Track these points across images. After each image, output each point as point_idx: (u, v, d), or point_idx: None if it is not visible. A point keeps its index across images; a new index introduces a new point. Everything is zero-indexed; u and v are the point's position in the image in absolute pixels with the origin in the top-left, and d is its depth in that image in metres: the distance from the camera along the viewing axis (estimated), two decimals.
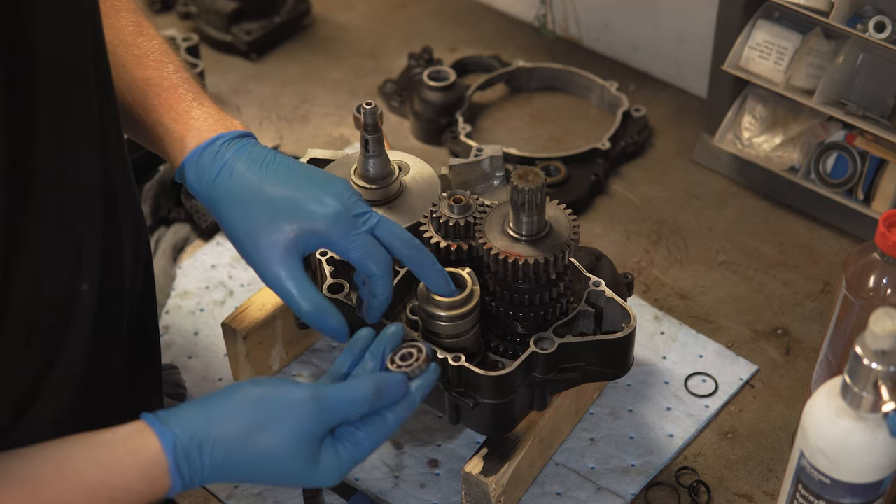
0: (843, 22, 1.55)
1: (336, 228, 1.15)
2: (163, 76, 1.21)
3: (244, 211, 1.15)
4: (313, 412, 1.05)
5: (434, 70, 1.87)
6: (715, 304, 1.61)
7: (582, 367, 1.30)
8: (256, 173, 1.16)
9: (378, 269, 1.18)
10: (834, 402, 1.07)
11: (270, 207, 1.15)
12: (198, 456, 1.02)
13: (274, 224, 1.14)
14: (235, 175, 1.16)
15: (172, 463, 1.01)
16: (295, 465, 1.05)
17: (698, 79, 1.90)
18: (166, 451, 1.01)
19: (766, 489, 1.40)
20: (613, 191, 1.80)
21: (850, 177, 1.65)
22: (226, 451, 1.03)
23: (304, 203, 1.15)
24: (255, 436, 1.04)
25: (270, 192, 1.16)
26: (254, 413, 1.04)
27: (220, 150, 1.18)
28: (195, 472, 1.02)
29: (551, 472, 1.42)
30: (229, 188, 1.16)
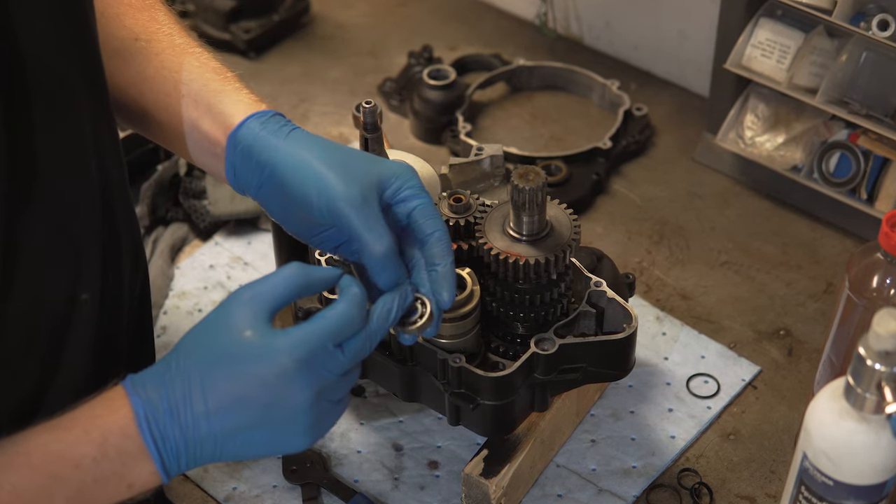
0: (846, 20, 1.55)
1: (412, 175, 1.12)
2: (211, 60, 1.23)
3: (328, 153, 1.11)
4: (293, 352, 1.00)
5: (434, 69, 1.87)
6: (717, 304, 1.61)
7: (583, 368, 1.30)
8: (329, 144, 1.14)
9: (439, 229, 1.11)
10: (837, 403, 1.06)
11: (351, 154, 1.13)
12: (151, 372, 0.99)
13: (352, 172, 1.10)
14: (302, 133, 1.15)
15: (128, 382, 0.98)
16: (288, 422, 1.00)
17: (700, 77, 1.89)
18: (124, 385, 0.99)
19: (769, 491, 1.40)
20: (615, 190, 1.79)
21: (854, 176, 1.64)
22: (173, 367, 0.99)
23: (374, 160, 1.14)
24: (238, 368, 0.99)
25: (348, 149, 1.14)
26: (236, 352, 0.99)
27: (287, 121, 1.16)
28: (150, 390, 0.98)
29: (552, 473, 1.41)
30: (308, 137, 1.13)
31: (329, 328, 1.02)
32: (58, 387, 1.04)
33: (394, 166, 1.12)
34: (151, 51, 1.20)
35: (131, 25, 1.21)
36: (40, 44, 0.96)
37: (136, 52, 1.20)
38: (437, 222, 1.11)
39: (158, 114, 1.21)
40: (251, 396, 0.99)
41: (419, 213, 1.11)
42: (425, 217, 1.11)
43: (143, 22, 1.22)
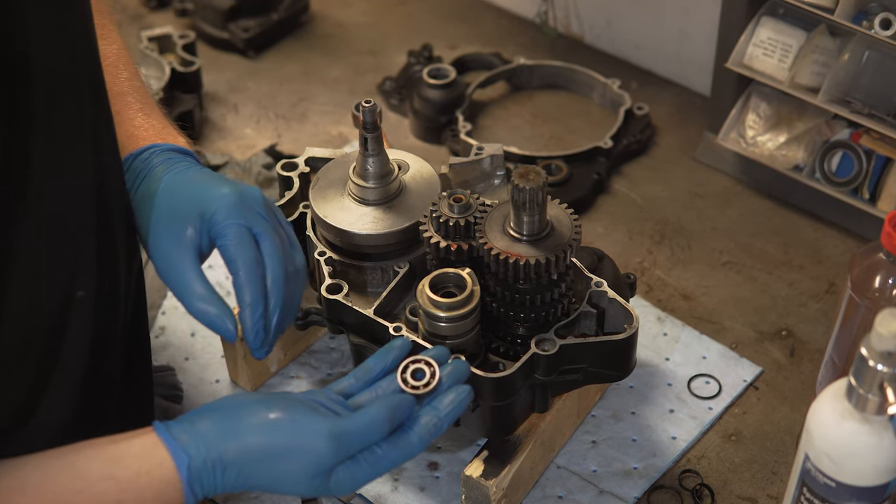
0: (848, 19, 1.54)
1: (223, 206, 1.13)
2: (113, 81, 1.21)
3: (151, 207, 1.15)
4: (331, 449, 1.06)
5: (434, 68, 1.87)
6: (718, 304, 1.61)
7: (584, 369, 1.29)
8: (173, 178, 1.17)
9: (243, 269, 1.13)
10: (839, 404, 1.06)
11: (175, 198, 1.15)
12: (211, 478, 1.03)
13: (174, 211, 1.13)
14: (152, 178, 1.17)
15: (187, 485, 1.03)
16: (308, 488, 1.07)
17: (702, 76, 1.89)
18: (180, 473, 1.02)
19: (771, 492, 1.39)
20: (615, 190, 1.79)
21: (856, 176, 1.64)
22: (238, 474, 1.04)
23: (206, 189, 1.15)
24: (271, 463, 1.05)
25: (180, 187, 1.16)
26: (271, 440, 1.05)
27: (148, 157, 1.18)
28: (208, 491, 1.04)
29: (553, 475, 1.41)
30: (145, 190, 1.16)
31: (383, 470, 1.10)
32: (55, 385, 1.05)
33: (198, 208, 1.13)
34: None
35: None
36: (43, 43, 0.96)
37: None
38: (234, 265, 1.13)
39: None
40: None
41: (224, 253, 1.14)
42: (228, 258, 1.13)
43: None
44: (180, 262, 1.13)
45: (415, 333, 1.28)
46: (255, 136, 1.88)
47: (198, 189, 1.15)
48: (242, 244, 1.13)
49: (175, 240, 1.13)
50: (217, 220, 1.13)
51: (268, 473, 1.05)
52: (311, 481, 1.06)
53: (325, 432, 1.06)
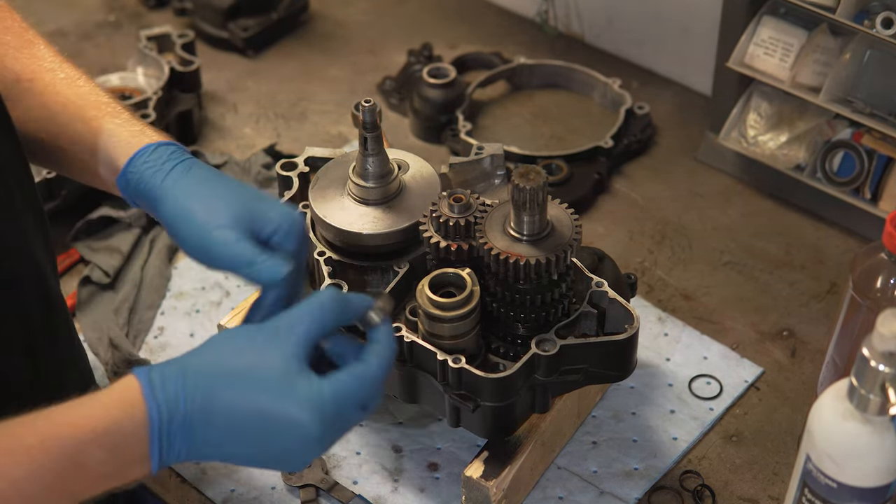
0: (849, 18, 1.54)
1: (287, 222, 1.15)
2: (97, 93, 1.23)
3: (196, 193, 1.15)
4: (280, 322, 1.04)
5: (434, 67, 1.86)
6: (719, 304, 1.60)
7: (584, 369, 1.29)
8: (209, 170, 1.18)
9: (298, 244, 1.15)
10: (840, 404, 1.06)
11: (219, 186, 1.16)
12: (168, 378, 1.00)
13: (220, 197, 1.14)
14: (185, 166, 1.17)
15: (145, 381, 0.99)
16: (268, 377, 1.01)
17: (703, 76, 1.89)
18: (138, 375, 1.00)
19: (772, 493, 1.39)
20: (616, 190, 1.78)
21: (857, 175, 1.64)
22: (196, 372, 1.01)
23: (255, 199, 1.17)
24: (223, 351, 1.03)
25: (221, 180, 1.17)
26: (222, 337, 1.04)
27: (174, 149, 1.19)
28: (170, 401, 0.99)
29: (553, 475, 1.40)
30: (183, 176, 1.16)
31: (361, 393, 1.05)
32: None
33: (272, 211, 1.15)
34: (35, 90, 1.21)
35: (12, 66, 1.22)
36: None
37: (22, 94, 1.21)
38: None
39: (59, 150, 1.22)
40: (267, 440, 1.02)
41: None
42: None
43: (24, 61, 1.23)
44: (234, 237, 1.12)
45: (415, 333, 1.28)
46: (255, 135, 1.88)
47: (260, 195, 1.17)
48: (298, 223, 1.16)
49: (233, 221, 1.12)
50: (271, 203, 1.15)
51: (235, 375, 1.01)
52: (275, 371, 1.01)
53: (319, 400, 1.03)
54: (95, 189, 1.24)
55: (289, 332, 1.04)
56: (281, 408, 1.01)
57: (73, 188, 1.66)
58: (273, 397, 1.01)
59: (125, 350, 1.52)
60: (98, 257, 1.64)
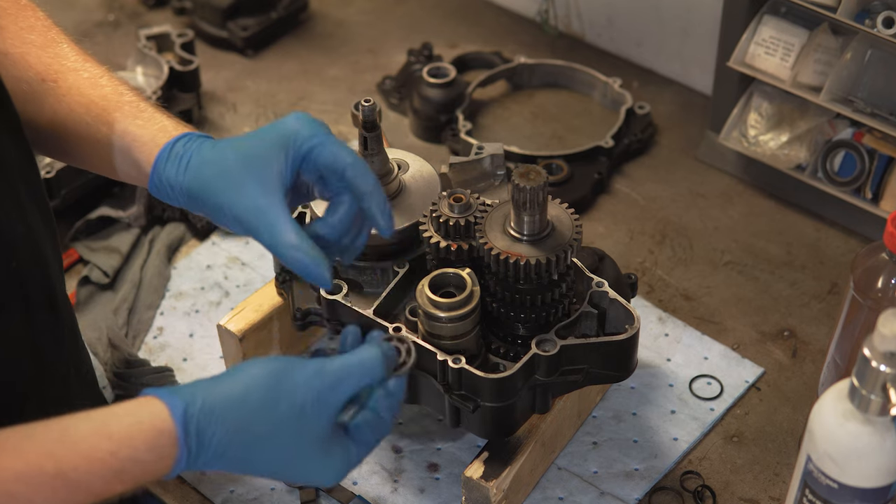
0: (850, 17, 1.54)
1: (302, 125, 1.12)
2: (120, 92, 1.22)
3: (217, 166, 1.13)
4: (326, 386, 1.05)
5: (434, 66, 1.86)
6: (720, 305, 1.60)
7: (584, 370, 1.29)
8: (229, 142, 1.16)
9: (349, 159, 1.11)
10: (841, 405, 1.06)
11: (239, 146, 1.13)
12: (206, 425, 1.00)
13: (244, 155, 1.11)
14: (206, 146, 1.15)
15: (181, 430, 0.99)
16: (306, 449, 1.04)
17: (703, 75, 1.88)
18: (175, 418, 0.99)
19: (773, 494, 1.39)
20: (617, 190, 1.78)
21: (858, 175, 1.63)
22: (235, 423, 1.01)
23: (270, 126, 1.14)
24: (268, 409, 1.02)
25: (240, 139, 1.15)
26: (266, 386, 1.03)
27: (189, 140, 1.17)
28: (202, 447, 1.00)
29: (553, 476, 1.40)
30: (201, 156, 1.14)
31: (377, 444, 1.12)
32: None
33: (279, 134, 1.11)
34: (59, 91, 1.21)
35: (36, 65, 1.22)
36: None
37: (45, 94, 1.21)
38: (343, 158, 1.11)
39: (81, 151, 1.22)
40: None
41: (321, 159, 1.11)
42: (330, 160, 1.11)
43: (47, 61, 1.23)
44: (270, 210, 1.09)
45: (415, 334, 1.27)
46: None
47: (265, 132, 1.13)
48: (339, 145, 1.12)
49: (260, 184, 1.10)
50: (304, 137, 1.11)
51: (264, 423, 1.02)
52: (308, 435, 1.03)
53: (317, 366, 1.05)
54: (95, 189, 1.24)
55: (334, 394, 1.05)
56: (309, 477, 1.07)
57: (73, 188, 1.66)
58: (305, 469, 1.06)
59: (124, 350, 1.52)
60: (97, 257, 1.64)
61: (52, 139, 1.22)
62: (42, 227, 1.16)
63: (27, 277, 1.12)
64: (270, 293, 1.45)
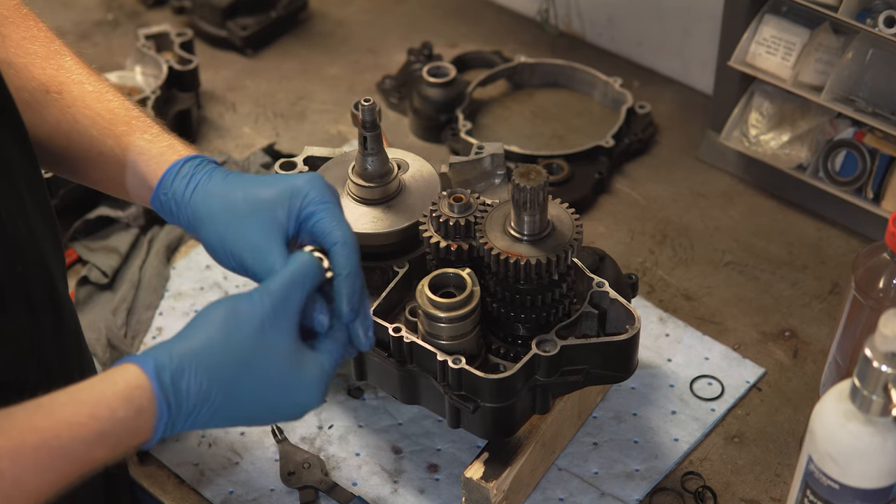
0: (851, 17, 1.53)
1: (313, 187, 1.14)
2: (127, 107, 1.23)
3: (223, 199, 1.15)
4: (276, 304, 1.05)
5: (434, 66, 1.86)
6: (721, 305, 1.59)
7: (585, 370, 1.28)
8: (239, 177, 1.18)
9: (341, 238, 1.13)
10: (843, 405, 1.05)
11: (249, 185, 1.16)
12: (180, 375, 1.00)
13: (251, 196, 1.14)
14: (217, 175, 1.17)
15: (156, 384, 0.99)
16: (279, 367, 1.04)
17: (704, 75, 1.88)
18: (148, 374, 1.00)
19: (774, 495, 1.38)
20: (617, 189, 1.78)
21: (860, 175, 1.63)
22: (207, 366, 1.01)
23: (282, 177, 1.17)
24: (233, 343, 1.03)
25: (251, 179, 1.17)
26: (223, 321, 1.03)
27: (200, 163, 1.18)
28: (180, 396, 1.00)
29: (554, 477, 1.40)
30: (209, 187, 1.16)
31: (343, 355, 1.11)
32: None
33: (290, 187, 1.14)
34: (63, 103, 1.21)
35: (40, 76, 1.22)
36: None
37: (48, 105, 1.21)
38: (335, 233, 1.13)
39: (84, 163, 1.22)
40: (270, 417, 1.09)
41: (319, 227, 1.14)
42: (325, 230, 1.13)
43: (51, 72, 1.23)
44: (270, 253, 1.12)
45: (414, 334, 1.27)
46: (254, 134, 1.87)
47: (276, 180, 1.16)
48: (339, 218, 1.14)
49: (263, 227, 1.13)
50: (311, 199, 1.14)
51: (235, 356, 1.02)
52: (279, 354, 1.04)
53: (262, 288, 1.05)
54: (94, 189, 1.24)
55: (285, 307, 1.05)
56: (292, 397, 1.06)
57: (71, 188, 1.66)
58: (285, 389, 1.05)
59: (123, 350, 1.51)
60: (96, 257, 1.64)
61: (53, 151, 1.21)
62: (44, 228, 1.16)
63: (31, 279, 1.12)
64: None
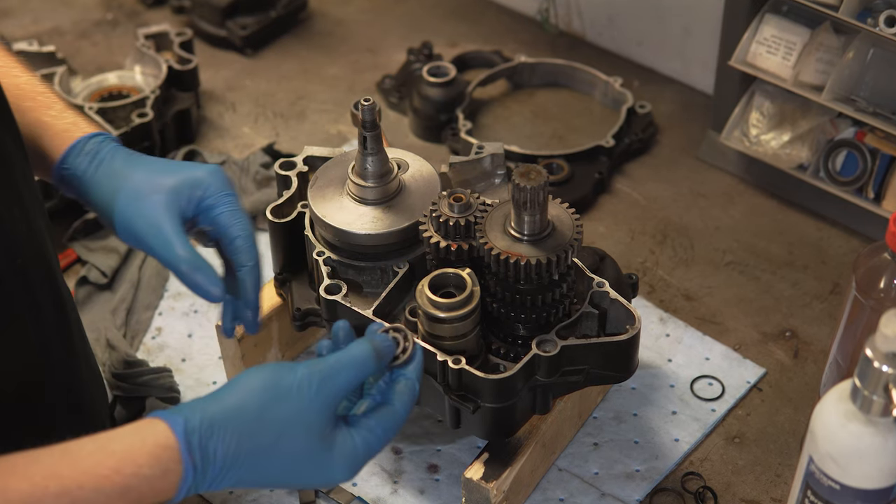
0: (852, 16, 1.53)
1: (214, 179, 1.19)
2: (34, 84, 1.25)
3: (127, 179, 1.18)
4: (320, 382, 1.05)
5: (434, 65, 1.86)
6: (721, 305, 1.59)
7: (585, 370, 1.28)
8: (139, 157, 1.22)
9: (243, 232, 1.19)
10: (843, 405, 1.05)
11: (152, 169, 1.19)
12: (209, 438, 1.00)
13: (154, 179, 1.18)
14: (120, 155, 1.21)
15: (184, 445, 0.99)
16: (310, 445, 1.04)
17: (705, 74, 1.88)
18: (177, 434, 0.99)
19: (774, 495, 1.38)
20: (617, 189, 1.78)
21: (860, 175, 1.63)
22: (237, 432, 1.01)
23: (184, 165, 1.22)
24: (267, 414, 1.02)
25: (154, 162, 1.22)
26: (262, 390, 1.03)
27: (104, 140, 1.22)
28: (207, 460, 1.00)
29: (554, 477, 1.39)
30: (113, 165, 1.20)
31: (387, 438, 1.10)
32: None
33: (192, 176, 1.19)
34: None
35: None
36: None
37: None
38: (238, 227, 1.19)
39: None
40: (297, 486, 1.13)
41: (221, 219, 1.19)
42: (227, 223, 1.19)
43: None
44: (168, 227, 1.16)
45: (414, 334, 1.27)
46: (253, 134, 1.87)
47: (182, 167, 1.20)
48: (240, 212, 1.20)
49: (163, 207, 1.16)
50: (213, 191, 1.19)
51: (267, 431, 1.02)
52: (310, 436, 1.03)
53: (308, 369, 1.05)
54: None
55: (331, 390, 1.05)
56: (321, 474, 1.06)
57: None
58: (313, 467, 1.05)
59: (122, 351, 1.51)
60: (95, 257, 1.63)
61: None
62: (41, 222, 1.16)
63: (33, 277, 1.11)
64: (269, 293, 1.45)
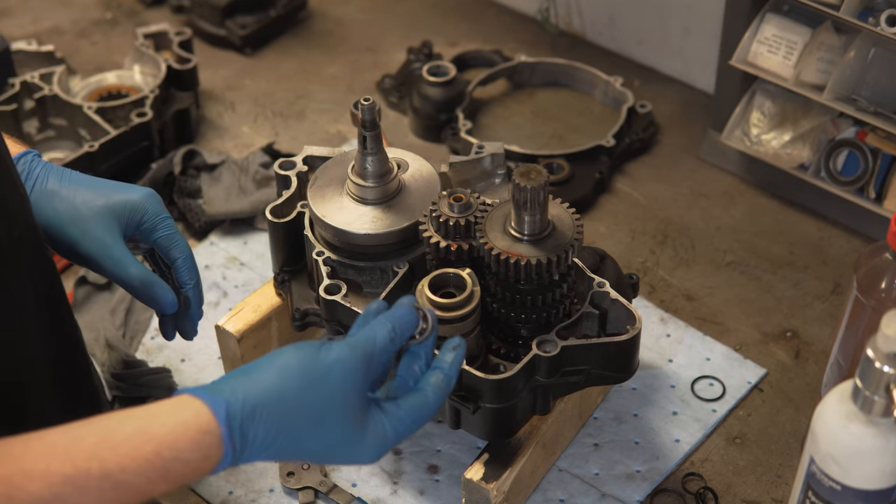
0: (853, 15, 1.53)
1: (151, 203, 1.27)
2: None
3: (64, 201, 1.24)
4: (357, 360, 1.05)
5: (434, 65, 1.85)
6: (722, 305, 1.59)
7: (585, 371, 1.28)
8: (73, 175, 1.27)
9: (182, 254, 1.28)
10: (844, 406, 1.05)
11: (89, 189, 1.25)
12: (250, 423, 1.00)
13: (93, 201, 1.24)
14: (53, 174, 1.25)
15: (226, 431, 0.99)
16: (345, 429, 1.04)
17: (705, 74, 1.88)
18: (219, 419, 0.99)
19: (775, 496, 1.38)
20: (618, 189, 1.77)
21: (862, 175, 1.62)
22: (279, 417, 1.01)
23: (120, 186, 1.28)
24: (306, 397, 1.02)
25: (87, 181, 1.27)
26: (301, 374, 1.03)
27: (34, 158, 1.26)
28: (246, 443, 1.00)
29: (554, 478, 1.39)
30: (47, 186, 1.24)
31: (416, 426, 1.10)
32: None
33: (130, 200, 1.26)
34: None
35: None
36: None
37: None
38: (178, 249, 1.28)
39: None
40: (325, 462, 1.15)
41: (162, 242, 1.27)
42: (168, 245, 1.27)
43: None
44: (116, 249, 1.23)
45: None
46: (253, 134, 1.87)
47: (117, 189, 1.27)
48: (178, 234, 1.28)
49: (107, 229, 1.23)
50: (150, 215, 1.27)
51: (305, 411, 1.02)
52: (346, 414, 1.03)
53: (345, 347, 1.05)
54: None
55: (365, 371, 1.05)
56: (351, 454, 1.06)
57: None
58: (346, 447, 1.05)
59: (122, 351, 1.51)
60: None
61: None
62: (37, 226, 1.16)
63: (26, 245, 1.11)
64: (269, 293, 1.45)
